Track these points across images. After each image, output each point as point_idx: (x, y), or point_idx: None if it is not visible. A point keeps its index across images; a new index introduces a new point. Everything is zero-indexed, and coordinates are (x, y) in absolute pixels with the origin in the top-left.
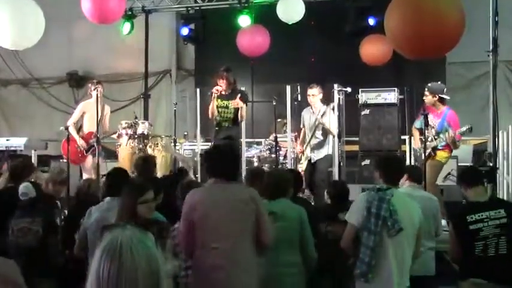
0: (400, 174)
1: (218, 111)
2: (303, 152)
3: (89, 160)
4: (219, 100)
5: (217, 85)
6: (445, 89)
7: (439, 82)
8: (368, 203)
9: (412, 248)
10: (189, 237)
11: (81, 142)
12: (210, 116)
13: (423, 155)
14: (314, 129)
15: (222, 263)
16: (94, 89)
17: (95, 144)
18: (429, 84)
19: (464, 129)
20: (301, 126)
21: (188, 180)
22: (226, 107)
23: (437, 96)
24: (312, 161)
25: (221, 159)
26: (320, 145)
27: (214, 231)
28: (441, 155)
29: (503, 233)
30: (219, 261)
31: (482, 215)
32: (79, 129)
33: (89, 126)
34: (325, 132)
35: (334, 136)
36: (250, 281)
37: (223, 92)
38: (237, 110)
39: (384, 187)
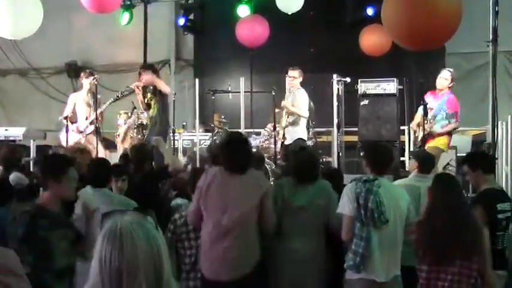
0: (387, 164)
1: None
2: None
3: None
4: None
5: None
6: None
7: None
8: (357, 194)
9: (402, 237)
10: (198, 215)
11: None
12: None
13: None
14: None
15: (226, 236)
16: (93, 79)
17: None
18: (452, 70)
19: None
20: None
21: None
22: None
23: (453, 82)
24: (286, 142)
25: (235, 152)
26: (292, 123)
27: (222, 213)
28: (440, 141)
29: (507, 226)
30: (223, 235)
31: (506, 206)
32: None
33: (82, 115)
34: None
35: (301, 116)
36: (247, 260)
37: None
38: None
39: (370, 178)
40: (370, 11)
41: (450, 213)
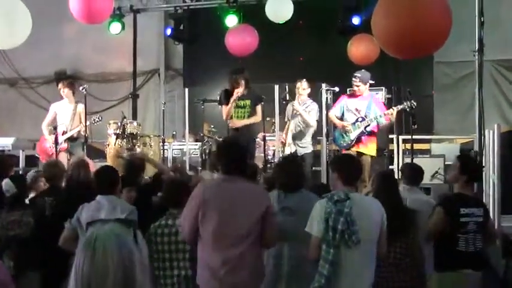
0: (358, 175)
1: (234, 111)
2: (284, 143)
3: (62, 159)
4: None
5: (235, 88)
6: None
7: (363, 70)
8: (327, 214)
9: (374, 253)
10: (193, 233)
11: (50, 144)
12: (225, 117)
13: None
14: (294, 117)
15: (226, 260)
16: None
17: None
18: (359, 75)
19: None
20: (286, 120)
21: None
22: (243, 106)
23: (368, 84)
24: (299, 153)
25: (230, 153)
26: (302, 134)
27: (222, 228)
28: (371, 148)
29: (479, 231)
30: (223, 257)
31: (470, 210)
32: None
33: (60, 125)
34: (306, 122)
35: (311, 126)
36: (251, 280)
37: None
38: (251, 109)
39: (341, 197)
40: (356, 20)
41: (389, 202)
